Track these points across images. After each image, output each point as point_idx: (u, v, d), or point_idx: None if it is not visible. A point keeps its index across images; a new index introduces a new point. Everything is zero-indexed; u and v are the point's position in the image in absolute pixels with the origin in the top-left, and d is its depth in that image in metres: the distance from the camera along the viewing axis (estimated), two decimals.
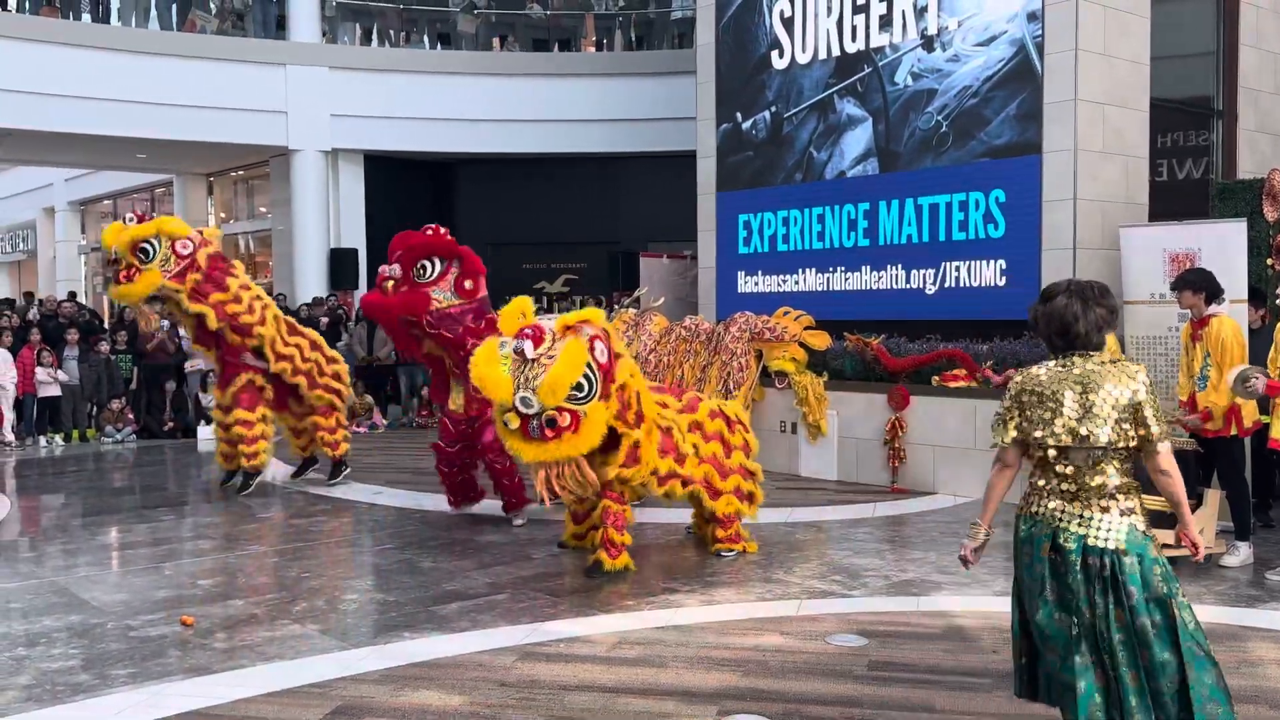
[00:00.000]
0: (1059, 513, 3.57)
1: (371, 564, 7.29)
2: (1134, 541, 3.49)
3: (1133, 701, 3.40)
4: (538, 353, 5.84)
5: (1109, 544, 3.48)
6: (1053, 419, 3.54)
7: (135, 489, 10.68)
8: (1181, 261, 8.10)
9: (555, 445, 5.88)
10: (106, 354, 14.45)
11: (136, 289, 9.10)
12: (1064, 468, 3.56)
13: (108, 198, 26.13)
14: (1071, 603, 3.51)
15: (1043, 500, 3.62)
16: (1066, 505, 3.55)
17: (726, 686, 4.76)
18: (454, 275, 8.19)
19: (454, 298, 8.14)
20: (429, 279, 8.10)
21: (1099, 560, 3.48)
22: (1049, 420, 3.55)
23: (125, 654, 5.28)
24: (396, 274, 8.09)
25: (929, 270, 10.52)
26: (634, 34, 19.00)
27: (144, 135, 16.60)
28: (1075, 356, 3.60)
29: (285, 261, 18.40)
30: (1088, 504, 3.52)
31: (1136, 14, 9.73)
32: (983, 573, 6.76)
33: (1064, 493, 3.57)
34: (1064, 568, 3.54)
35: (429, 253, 8.15)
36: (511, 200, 18.89)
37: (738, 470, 7.26)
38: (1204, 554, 3.77)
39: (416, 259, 8.11)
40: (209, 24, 17.40)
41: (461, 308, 8.14)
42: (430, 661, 5.12)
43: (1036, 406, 3.58)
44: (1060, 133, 9.43)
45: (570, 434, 5.89)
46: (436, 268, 8.13)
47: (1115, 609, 3.45)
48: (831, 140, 11.36)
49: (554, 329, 6.03)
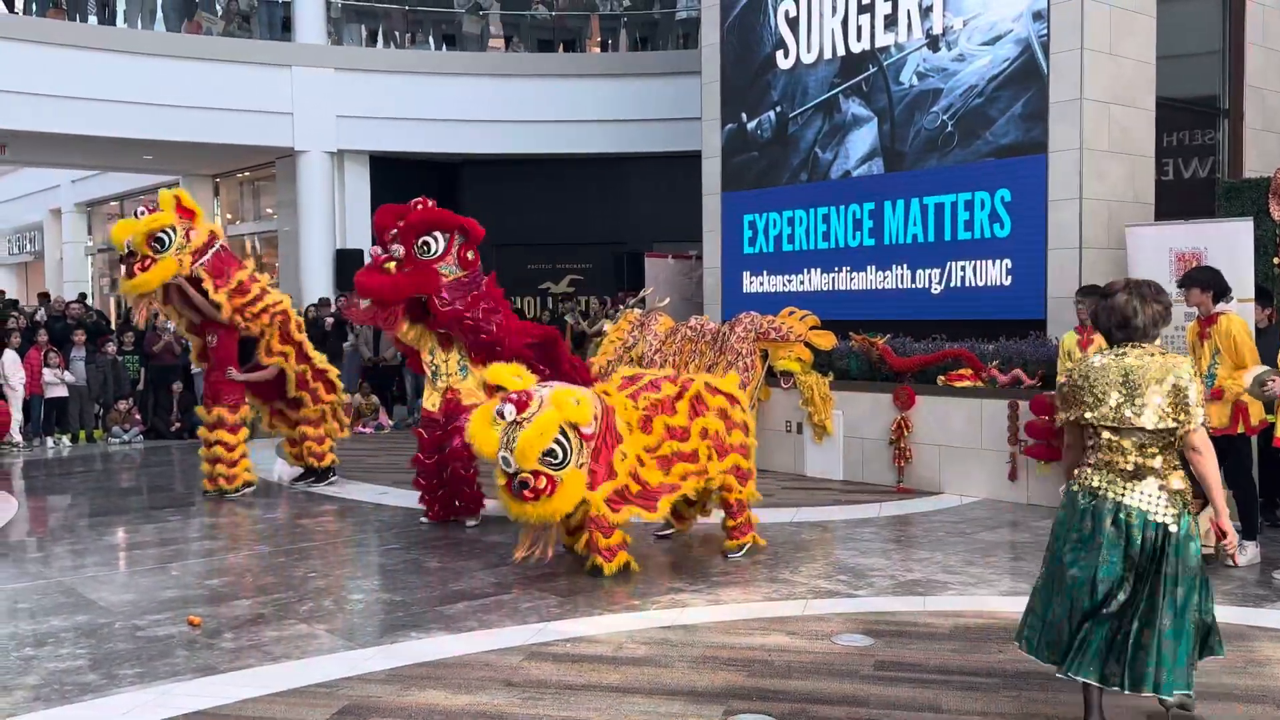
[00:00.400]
0: (1115, 488, 3.95)
1: (378, 564, 7.30)
2: (1182, 521, 3.91)
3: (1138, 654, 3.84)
4: (521, 416, 6.09)
5: (1162, 519, 3.89)
6: (1101, 403, 3.96)
7: (142, 489, 10.71)
8: (1188, 261, 8.08)
9: (532, 506, 6.11)
10: (113, 355, 14.49)
11: (154, 277, 9.02)
12: (1115, 447, 3.96)
13: (114, 199, 26.16)
14: (1117, 568, 3.91)
15: (1100, 475, 4.00)
16: (1123, 482, 3.95)
17: (733, 686, 4.76)
18: (457, 247, 7.96)
19: (458, 269, 7.95)
20: (434, 255, 7.84)
21: (1154, 534, 3.89)
22: (1099, 404, 3.96)
23: (132, 654, 5.29)
24: (400, 254, 7.79)
25: (934, 270, 10.51)
26: (639, 34, 19.00)
27: (150, 137, 16.64)
28: (1129, 347, 3.99)
29: (291, 263, 18.43)
30: (1140, 480, 3.93)
31: (1142, 13, 9.72)
32: (989, 573, 6.75)
33: (1119, 470, 3.96)
34: (1121, 538, 3.92)
35: (430, 228, 7.87)
36: (517, 201, 18.90)
37: (738, 449, 7.14)
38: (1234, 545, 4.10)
39: (418, 236, 7.82)
40: (214, 26, 17.44)
41: (467, 278, 7.93)
42: (437, 661, 5.12)
43: (1088, 391, 3.99)
44: (1066, 132, 9.42)
45: (546, 496, 6.09)
46: (440, 243, 7.87)
47: (1155, 577, 3.87)
48: (837, 140, 11.36)
49: (545, 396, 6.21)
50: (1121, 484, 3.94)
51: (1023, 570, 6.82)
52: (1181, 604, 3.87)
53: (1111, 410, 3.93)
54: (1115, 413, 3.93)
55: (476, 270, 8.06)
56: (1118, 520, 3.92)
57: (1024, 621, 4.22)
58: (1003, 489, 9.07)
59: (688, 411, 6.89)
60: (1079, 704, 4.51)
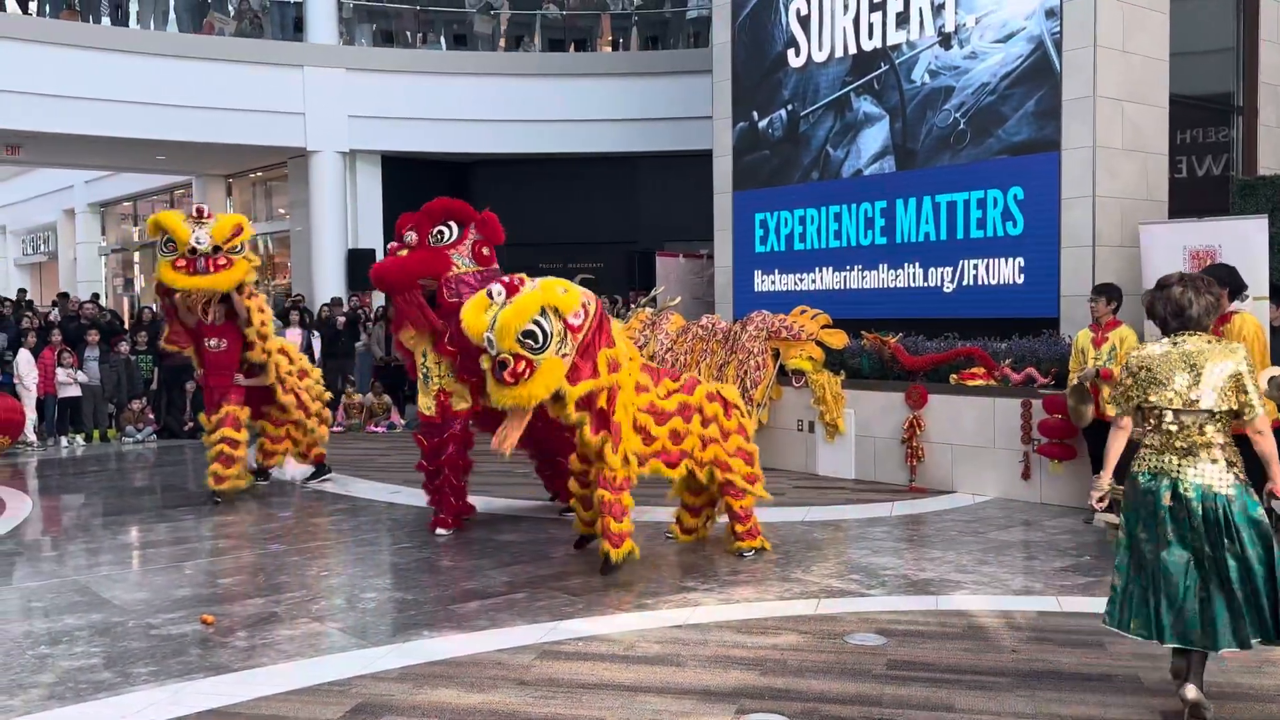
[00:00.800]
0: (1176, 467, 4.24)
1: (390, 563, 7.31)
2: (1240, 490, 4.20)
3: (1227, 617, 4.14)
4: (508, 299, 6.10)
5: (1223, 490, 4.17)
6: (1166, 387, 4.26)
7: (156, 489, 10.75)
8: (1202, 258, 8.05)
9: (509, 390, 6.05)
10: (126, 354, 14.55)
11: (229, 278, 9.20)
12: (1177, 428, 4.24)
13: (127, 199, 26.29)
14: (1189, 540, 4.19)
15: (1160, 456, 4.28)
16: (1181, 460, 4.23)
17: (744, 685, 4.75)
18: (471, 240, 7.92)
19: (472, 264, 7.88)
20: (447, 242, 7.83)
21: (1214, 504, 4.17)
22: (1164, 387, 4.26)
23: (146, 652, 5.31)
24: (413, 241, 7.82)
25: (947, 268, 10.49)
26: (649, 33, 18.99)
27: (163, 137, 16.70)
28: (1186, 335, 4.30)
29: (303, 262, 18.48)
30: (1198, 458, 4.21)
31: (1155, 10, 9.68)
32: (1002, 572, 6.73)
33: (1178, 449, 4.24)
34: (1184, 513, 4.20)
35: (447, 217, 7.89)
36: (528, 200, 18.90)
37: (737, 454, 7.16)
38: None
39: (435, 223, 7.84)
40: (227, 26, 17.49)
41: (481, 275, 7.78)
42: (449, 660, 5.13)
43: (1151, 378, 4.31)
44: (1079, 130, 9.39)
45: (524, 380, 6.02)
46: (454, 232, 7.86)
47: (1228, 543, 4.14)
48: (848, 138, 11.34)
49: (537, 283, 6.27)
50: (1178, 461, 4.23)
51: (1036, 569, 6.79)
52: (1264, 555, 4.14)
53: (1177, 393, 4.23)
54: (1181, 396, 4.22)
55: (491, 268, 7.93)
56: (1177, 495, 4.21)
57: (1110, 600, 4.43)
58: (1016, 488, 9.04)
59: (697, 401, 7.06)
60: (1094, 702, 4.50)
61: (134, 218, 27.39)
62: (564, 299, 6.19)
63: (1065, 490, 8.73)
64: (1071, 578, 6.55)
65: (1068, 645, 5.26)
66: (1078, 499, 8.55)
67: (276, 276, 21.59)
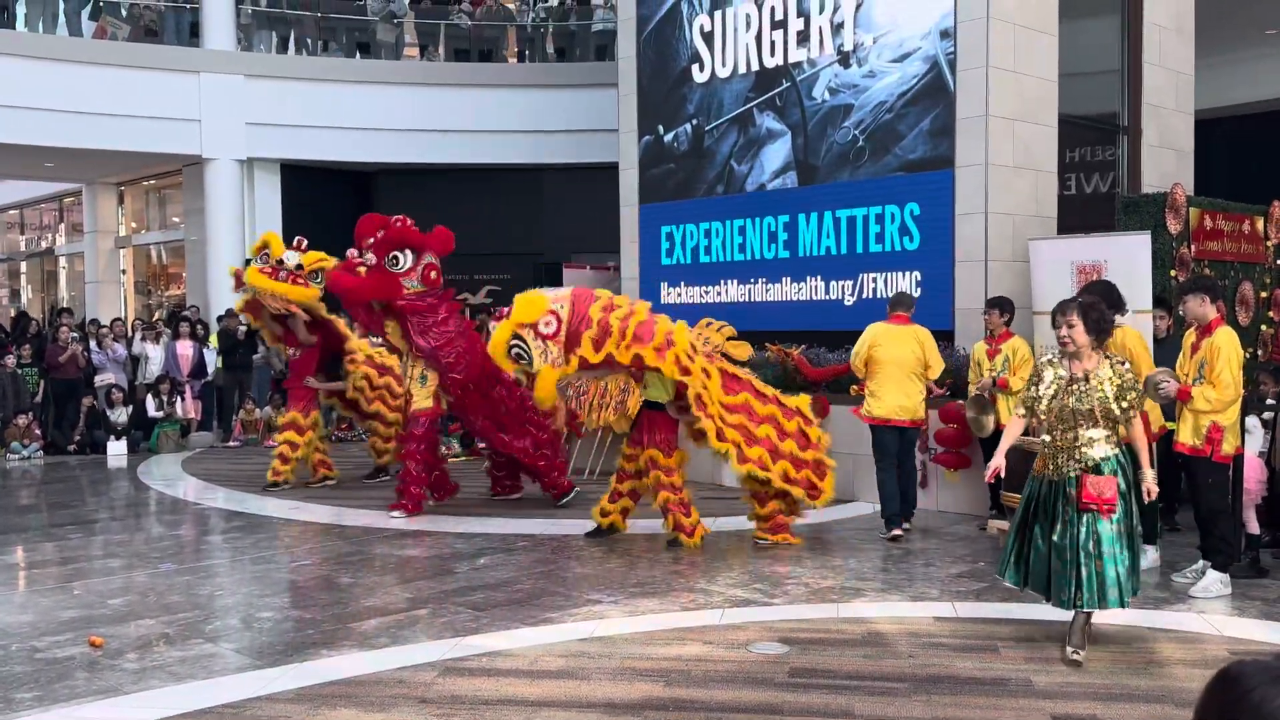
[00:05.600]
0: (1065, 463, 5.21)
1: (288, 581, 7.15)
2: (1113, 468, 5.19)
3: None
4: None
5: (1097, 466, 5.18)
6: (1054, 393, 5.23)
7: (42, 506, 10.35)
8: (1089, 273, 8.32)
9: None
10: (12, 368, 14.00)
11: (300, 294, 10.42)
12: (1065, 429, 5.19)
13: (14, 207, 25.36)
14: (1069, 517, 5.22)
15: (1055, 456, 5.25)
16: (1068, 459, 5.21)
17: (649, 697, 4.76)
18: (422, 266, 9.06)
19: (419, 285, 9.03)
20: (401, 270, 8.93)
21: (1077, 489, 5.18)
22: (1052, 395, 5.23)
23: (30, 676, 5.11)
24: (371, 261, 8.86)
25: (847, 281, 10.67)
26: (556, 46, 18.98)
27: (52, 144, 16.13)
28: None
29: (199, 272, 18.01)
30: (1082, 454, 5.17)
31: (1045, 32, 10.00)
32: (900, 579, 6.87)
33: (1062, 449, 5.22)
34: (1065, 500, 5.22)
35: (402, 244, 8.97)
36: (433, 211, 18.49)
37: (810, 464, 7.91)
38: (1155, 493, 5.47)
39: (391, 249, 8.92)
40: (120, 30, 16.98)
41: (429, 298, 9.06)
42: (348, 679, 5.04)
43: (1041, 384, 5.31)
44: (972, 147, 9.64)
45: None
46: (408, 259, 8.98)
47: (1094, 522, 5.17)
48: (752, 153, 11.48)
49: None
50: (1069, 461, 5.30)
51: (933, 576, 6.94)
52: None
53: (1062, 400, 5.32)
54: (1067, 401, 5.31)
55: (437, 287, 9.14)
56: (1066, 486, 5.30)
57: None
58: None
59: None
60: (988, 705, 4.61)
61: (20, 226, 26.42)
62: (527, 313, 7.18)
63: (961, 498, 8.95)
64: (966, 584, 6.72)
65: (963, 650, 5.39)
66: (973, 507, 8.77)
67: (170, 287, 21.02)
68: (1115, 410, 5.17)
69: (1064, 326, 5.24)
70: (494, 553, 7.77)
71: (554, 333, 7.14)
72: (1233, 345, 6.39)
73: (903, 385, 8.22)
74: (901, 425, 8.26)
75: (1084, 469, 5.21)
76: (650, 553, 7.73)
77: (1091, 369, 5.24)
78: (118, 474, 12.41)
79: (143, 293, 21.49)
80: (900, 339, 8.30)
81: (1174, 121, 11.40)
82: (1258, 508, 7.11)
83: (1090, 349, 5.23)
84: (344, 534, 8.56)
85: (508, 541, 8.19)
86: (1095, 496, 5.12)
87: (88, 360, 14.60)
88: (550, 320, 7.15)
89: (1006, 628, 5.78)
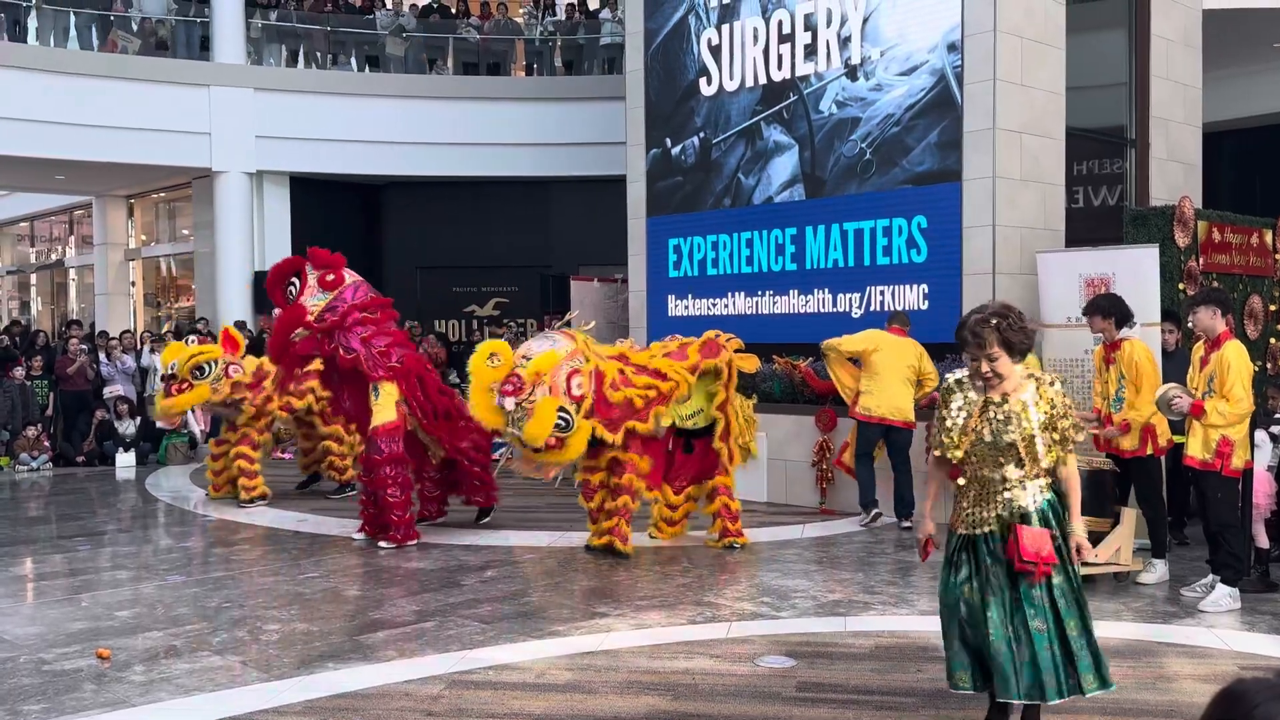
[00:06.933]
0: (984, 512, 4.22)
1: (295, 593, 7.15)
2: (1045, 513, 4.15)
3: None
4: (517, 402, 7.19)
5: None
6: (963, 424, 4.19)
7: (51, 518, 10.38)
8: (1096, 286, 8.32)
9: (546, 456, 7.38)
10: (21, 380, 14.05)
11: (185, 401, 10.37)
12: (981, 468, 4.17)
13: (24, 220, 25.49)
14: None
15: (971, 504, 4.27)
16: (986, 508, 4.21)
17: (656, 711, 4.75)
18: (313, 279, 8.61)
19: (324, 296, 8.57)
20: (295, 296, 8.65)
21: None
22: (962, 427, 4.19)
23: (38, 689, 5.12)
24: (276, 313, 8.88)
25: (854, 294, 10.67)
26: (563, 59, 19.05)
27: (63, 157, 16.23)
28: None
29: (208, 285, 18.08)
30: (1006, 500, 4.15)
31: (1052, 45, 10.01)
32: (909, 593, 6.85)
33: (982, 495, 4.22)
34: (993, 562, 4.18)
35: (284, 278, 8.73)
36: (441, 223, 18.78)
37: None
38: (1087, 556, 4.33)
39: (279, 286, 8.72)
40: (131, 44, 17.08)
41: (336, 301, 8.54)
42: (355, 692, 5.04)
43: (949, 412, 4.26)
44: (980, 160, 9.65)
45: (556, 450, 7.32)
46: (297, 285, 8.68)
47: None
48: (759, 166, 11.50)
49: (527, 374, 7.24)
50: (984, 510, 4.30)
51: None
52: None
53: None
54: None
55: (340, 284, 8.64)
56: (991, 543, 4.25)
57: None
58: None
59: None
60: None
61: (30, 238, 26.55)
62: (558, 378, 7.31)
63: None
64: None
65: None
66: None
67: (180, 299, 21.09)
68: (1040, 445, 4.05)
69: (984, 361, 4.04)
70: (500, 565, 7.77)
71: (581, 396, 7.40)
72: (1242, 359, 6.37)
73: (899, 388, 8.93)
74: (895, 424, 8.89)
75: (1009, 519, 4.12)
76: (657, 566, 7.72)
77: (1012, 390, 4.10)
78: (126, 486, 12.44)
79: (152, 305, 21.57)
80: (900, 347, 9.04)
81: (1182, 134, 11.39)
82: (1267, 522, 7.08)
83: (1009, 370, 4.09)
84: (351, 546, 8.56)
85: (514, 554, 8.19)
86: (1034, 554, 4.01)
87: (96, 372, 14.64)
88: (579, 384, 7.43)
89: None
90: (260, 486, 10.59)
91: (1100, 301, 7.20)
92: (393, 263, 18.93)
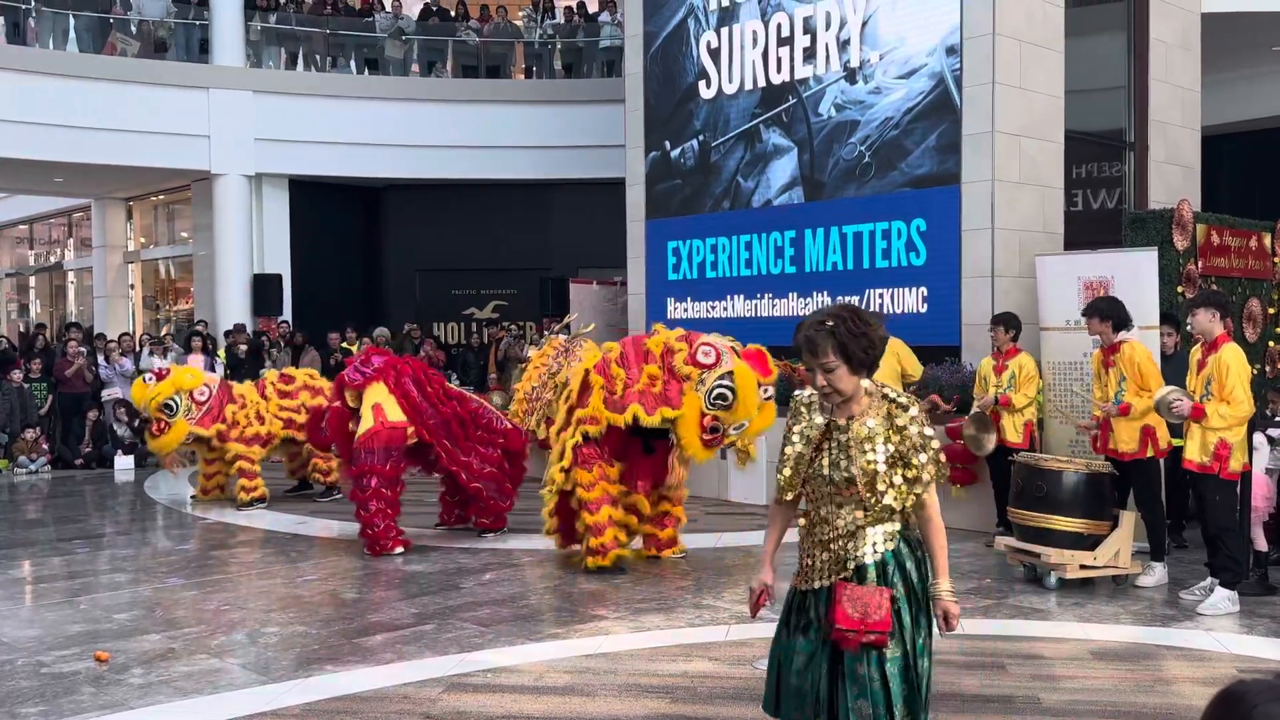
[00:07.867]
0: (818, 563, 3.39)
1: (293, 596, 7.14)
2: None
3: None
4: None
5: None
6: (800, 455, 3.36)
7: (49, 520, 10.37)
8: (1095, 289, 8.32)
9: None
10: (20, 382, 14.04)
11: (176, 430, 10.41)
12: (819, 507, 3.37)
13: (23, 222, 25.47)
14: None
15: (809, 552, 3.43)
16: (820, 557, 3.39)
17: (655, 714, 4.75)
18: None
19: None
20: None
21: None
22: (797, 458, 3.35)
23: (36, 691, 5.11)
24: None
25: (854, 297, 10.66)
26: (563, 62, 19.06)
27: (62, 159, 16.23)
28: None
29: (207, 287, 18.07)
30: (844, 550, 3.32)
31: (1051, 49, 10.02)
32: None
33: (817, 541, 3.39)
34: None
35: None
36: (440, 226, 18.78)
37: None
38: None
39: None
40: (130, 47, 17.08)
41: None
42: (354, 695, 5.03)
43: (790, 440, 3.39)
44: (979, 163, 9.66)
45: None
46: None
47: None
48: (758, 169, 11.51)
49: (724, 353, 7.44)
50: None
51: None
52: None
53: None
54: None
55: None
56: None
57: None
58: None
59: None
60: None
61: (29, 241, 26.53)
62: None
63: (968, 515, 8.92)
64: (973, 600, 6.69)
65: (970, 667, 5.36)
66: (980, 523, 8.74)
67: (179, 301, 21.08)
68: (884, 483, 3.16)
69: (818, 372, 3.16)
70: (500, 568, 7.77)
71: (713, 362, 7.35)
72: (1240, 361, 6.37)
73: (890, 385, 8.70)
74: None
75: (842, 574, 3.23)
76: (656, 569, 7.71)
77: (859, 413, 3.22)
78: (124, 489, 12.43)
79: (151, 307, 21.57)
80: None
81: (1181, 138, 11.40)
82: (1265, 524, 7.09)
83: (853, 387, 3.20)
84: (350, 549, 8.55)
85: (513, 557, 8.18)
86: (856, 621, 3.12)
87: (95, 375, 14.63)
88: (709, 352, 7.38)
89: (1014, 645, 5.76)
90: (260, 488, 10.60)
91: (1099, 304, 7.20)
92: (392, 265, 18.93)
